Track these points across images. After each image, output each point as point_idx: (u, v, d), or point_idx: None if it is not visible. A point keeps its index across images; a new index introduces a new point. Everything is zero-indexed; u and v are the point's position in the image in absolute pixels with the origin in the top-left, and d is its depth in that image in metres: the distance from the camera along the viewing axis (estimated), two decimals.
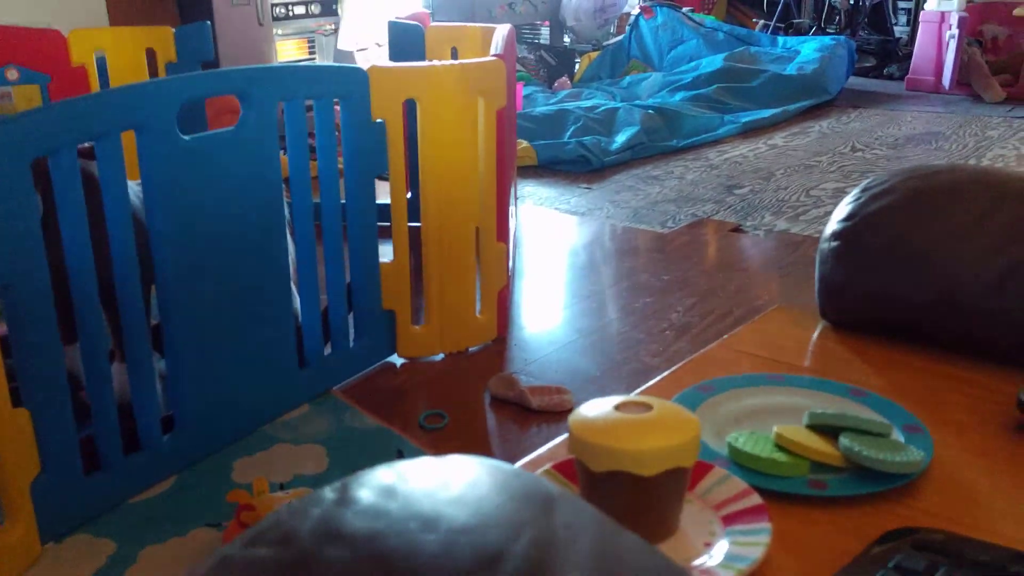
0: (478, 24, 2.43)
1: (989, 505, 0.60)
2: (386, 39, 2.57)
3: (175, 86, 1.23)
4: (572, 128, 3.48)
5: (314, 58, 3.93)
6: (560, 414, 1.54)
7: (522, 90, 3.91)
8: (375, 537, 0.31)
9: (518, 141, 3.10)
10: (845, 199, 0.85)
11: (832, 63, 4.41)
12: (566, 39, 5.42)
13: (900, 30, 5.43)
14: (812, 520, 0.58)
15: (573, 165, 3.20)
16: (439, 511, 0.32)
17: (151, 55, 2.28)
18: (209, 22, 2.42)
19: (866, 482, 0.60)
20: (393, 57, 2.58)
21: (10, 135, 1.03)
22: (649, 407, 0.55)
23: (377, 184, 1.61)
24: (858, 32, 5.32)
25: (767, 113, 3.95)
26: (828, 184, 2.99)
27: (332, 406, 1.54)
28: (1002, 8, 4.57)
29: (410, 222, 1.65)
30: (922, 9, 4.69)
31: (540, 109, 3.70)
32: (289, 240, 1.50)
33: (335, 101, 1.51)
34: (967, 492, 0.61)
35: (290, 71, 1.44)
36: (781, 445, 0.63)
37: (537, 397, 1.55)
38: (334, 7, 3.95)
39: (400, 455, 1.38)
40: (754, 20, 5.67)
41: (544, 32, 5.40)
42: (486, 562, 0.30)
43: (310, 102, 1.47)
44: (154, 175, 1.22)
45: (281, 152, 1.41)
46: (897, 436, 0.65)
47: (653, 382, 0.76)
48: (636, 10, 5.17)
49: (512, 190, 2.28)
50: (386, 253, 1.65)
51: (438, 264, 1.69)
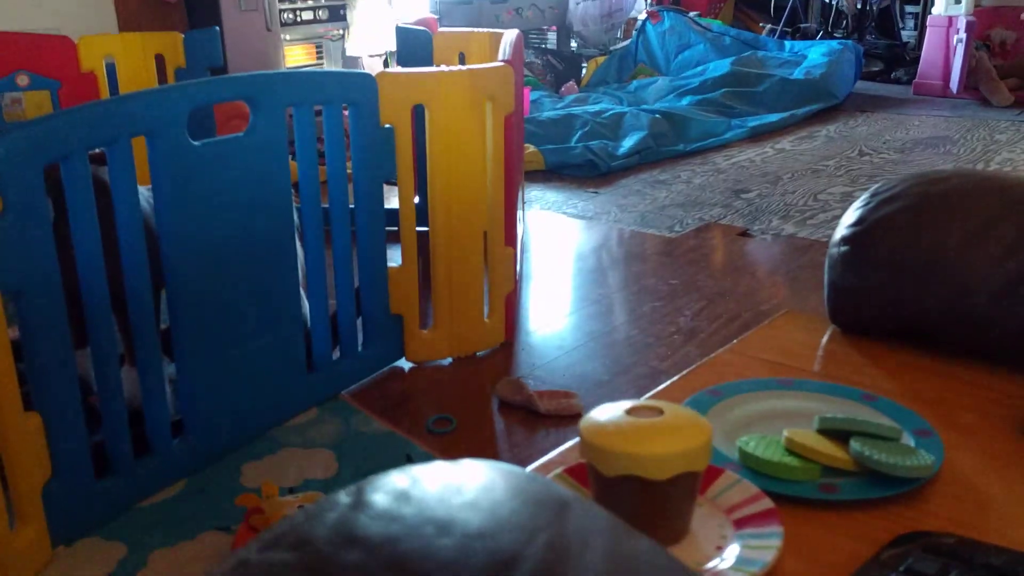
0: (485, 29, 2.43)
1: (1000, 509, 0.60)
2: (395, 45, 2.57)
3: (185, 92, 1.24)
4: (579, 132, 3.48)
5: (322, 63, 3.95)
6: (568, 418, 1.54)
7: (529, 95, 3.92)
8: (391, 541, 0.31)
9: (525, 146, 3.10)
10: (854, 204, 0.85)
11: (839, 67, 4.41)
12: (573, 44, 5.43)
13: (907, 34, 5.43)
14: (823, 524, 0.59)
15: (580, 169, 3.20)
16: (453, 515, 0.32)
17: (160, 60, 2.29)
18: (218, 27, 2.43)
19: (877, 486, 0.60)
20: (401, 62, 2.59)
21: (22, 141, 1.03)
22: (660, 411, 0.55)
23: (385, 189, 1.62)
24: (865, 36, 5.32)
25: (774, 117, 3.94)
26: (836, 188, 2.98)
27: (341, 410, 1.54)
28: (1010, 12, 4.56)
29: (418, 227, 1.65)
30: (929, 13, 4.69)
31: (547, 114, 3.70)
32: (298, 245, 1.51)
33: (344, 106, 1.51)
34: (978, 496, 0.61)
35: (299, 77, 1.45)
36: (792, 449, 0.63)
37: (545, 401, 1.55)
38: (342, 12, 3.96)
39: (409, 460, 1.38)
40: (761, 24, 5.67)
41: (551, 37, 5.41)
42: (501, 566, 0.30)
43: (319, 107, 1.48)
44: (164, 180, 1.22)
45: (290, 157, 1.42)
46: (908, 440, 0.65)
47: (663, 386, 0.76)
48: (643, 15, 5.17)
49: (520, 195, 2.28)
50: (394, 257, 1.66)
51: (446, 268, 1.69)
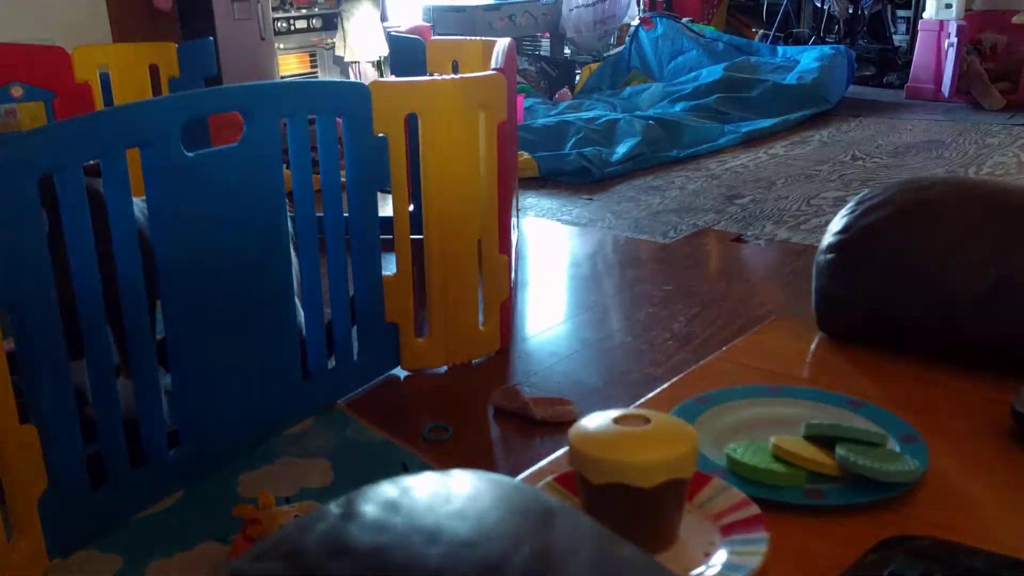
0: (478, 38, 2.45)
1: (984, 513, 0.61)
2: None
3: (179, 103, 1.25)
4: (573, 139, 3.50)
5: (316, 72, 3.96)
6: (563, 425, 1.55)
7: (523, 102, 3.93)
8: (379, 551, 0.32)
9: (519, 153, 3.12)
10: (840, 212, 0.86)
11: (832, 72, 4.43)
12: (566, 51, 5.45)
13: (899, 39, 5.45)
14: (809, 529, 0.59)
15: (574, 176, 3.22)
16: (441, 525, 0.33)
17: (154, 71, 2.30)
18: (212, 38, 2.44)
19: (862, 491, 0.61)
20: (394, 71, 2.60)
21: (17, 153, 1.04)
22: (647, 420, 0.56)
23: (380, 197, 1.63)
24: (857, 41, 5.34)
25: (767, 123, 3.96)
26: (829, 193, 3.00)
27: (336, 419, 1.55)
28: (1000, 16, 4.59)
29: (413, 235, 1.66)
30: (921, 18, 4.71)
31: (541, 121, 3.72)
32: (293, 254, 1.51)
33: (337, 116, 1.52)
34: (962, 500, 0.62)
35: (292, 87, 1.46)
36: (779, 456, 0.64)
37: (540, 408, 1.56)
38: (335, 21, 3.97)
39: (405, 468, 1.38)
40: (754, 30, 5.70)
41: (545, 44, 5.43)
42: (487, 574, 0.31)
43: (313, 116, 1.49)
44: (159, 191, 1.23)
45: (284, 167, 1.43)
46: (893, 446, 0.66)
47: (652, 394, 0.77)
48: (636, 21, 5.19)
49: (514, 202, 2.29)
50: (389, 266, 1.67)
51: (441, 276, 1.70)
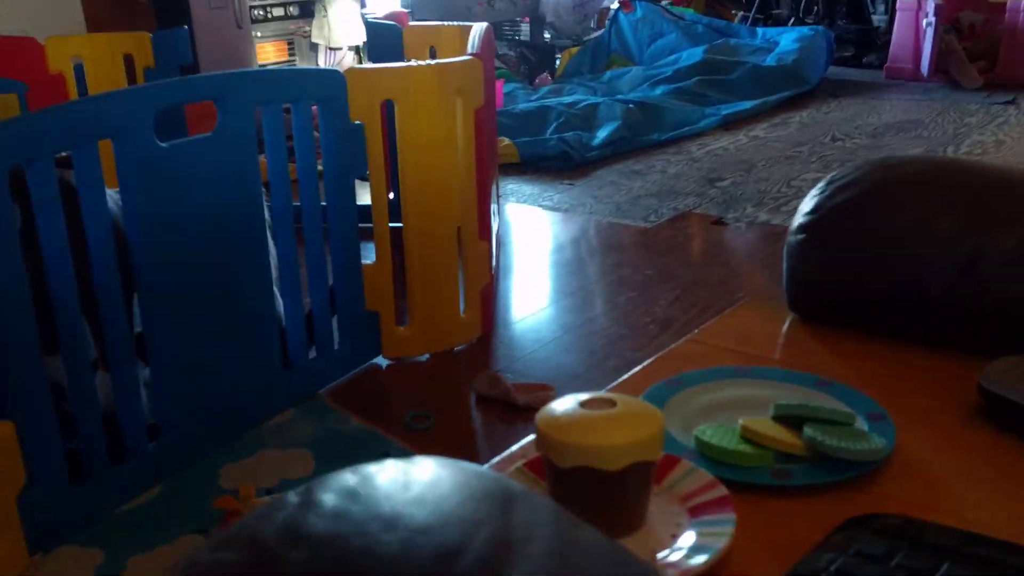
0: (456, 23, 2.44)
1: (950, 489, 0.62)
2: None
3: (150, 94, 1.24)
4: (554, 124, 3.49)
5: (294, 60, 3.93)
6: None
7: (503, 87, 3.92)
8: (336, 538, 0.32)
9: (500, 138, 3.11)
10: (811, 192, 0.86)
11: (811, 53, 4.44)
12: (546, 35, 5.43)
13: (878, 19, 5.46)
14: (777, 510, 0.60)
15: (555, 161, 3.21)
16: (399, 512, 0.33)
17: (129, 61, 2.28)
18: (187, 26, 2.42)
19: (829, 471, 0.62)
20: (372, 57, 2.59)
21: None
22: (614, 403, 0.56)
23: (358, 185, 1.62)
24: (836, 22, 5.35)
25: (747, 105, 3.96)
26: (809, 174, 3.01)
27: (318, 409, 1.55)
28: None
29: (392, 223, 1.66)
30: None
31: (521, 106, 3.71)
32: (271, 243, 1.51)
33: (313, 104, 1.51)
34: (930, 478, 0.63)
35: (266, 75, 1.45)
36: (747, 437, 0.64)
37: (522, 394, 1.56)
38: (313, 8, 3.94)
39: (387, 457, 1.39)
40: (733, 12, 5.69)
41: (524, 28, 5.41)
42: (444, 560, 0.31)
43: (288, 105, 1.48)
44: (132, 182, 1.23)
45: (260, 156, 1.42)
46: (861, 424, 0.67)
47: (624, 378, 0.77)
48: (616, 4, 5.18)
49: (494, 188, 2.29)
50: (368, 255, 1.66)
51: (421, 264, 1.70)
